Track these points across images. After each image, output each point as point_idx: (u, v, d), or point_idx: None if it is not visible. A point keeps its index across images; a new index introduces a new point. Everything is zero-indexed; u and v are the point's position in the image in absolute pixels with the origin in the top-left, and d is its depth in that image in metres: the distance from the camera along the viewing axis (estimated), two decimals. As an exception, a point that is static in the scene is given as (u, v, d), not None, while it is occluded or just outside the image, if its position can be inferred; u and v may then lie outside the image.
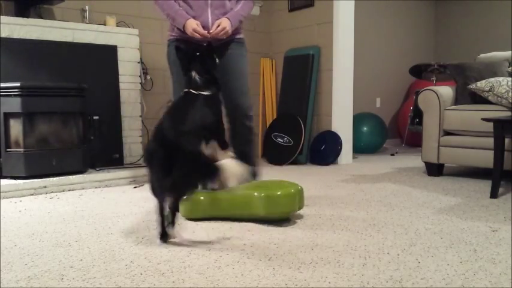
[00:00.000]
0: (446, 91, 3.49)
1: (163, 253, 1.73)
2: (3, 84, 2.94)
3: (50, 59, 3.19)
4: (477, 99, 3.33)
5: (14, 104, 2.93)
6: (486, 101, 3.23)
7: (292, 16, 4.55)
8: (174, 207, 1.89)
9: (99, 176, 3.17)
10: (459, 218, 2.22)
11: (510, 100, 3.08)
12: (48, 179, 2.97)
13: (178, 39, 2.50)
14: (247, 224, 2.12)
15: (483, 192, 2.83)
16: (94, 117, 3.34)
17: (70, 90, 3.13)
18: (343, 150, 4.16)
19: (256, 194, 2.09)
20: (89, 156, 3.26)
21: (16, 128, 2.98)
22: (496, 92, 3.15)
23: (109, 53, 3.44)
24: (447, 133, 3.39)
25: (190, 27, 2.38)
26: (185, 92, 2.11)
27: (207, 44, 2.20)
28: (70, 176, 3.06)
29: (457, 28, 6.21)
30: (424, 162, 3.53)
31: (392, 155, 4.86)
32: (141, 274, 1.53)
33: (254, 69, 4.64)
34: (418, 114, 4.44)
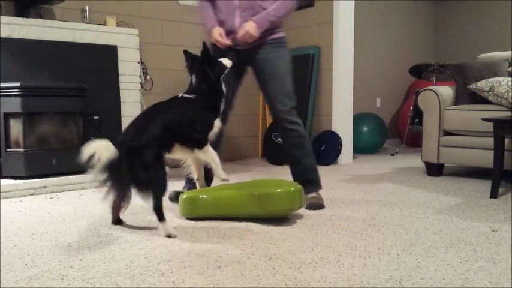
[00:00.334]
0: (446, 91, 3.49)
1: (163, 253, 1.73)
2: (3, 84, 2.93)
3: (50, 59, 3.19)
4: (477, 99, 3.33)
5: (14, 104, 2.93)
6: (486, 101, 3.23)
7: (292, 16, 4.54)
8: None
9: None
10: (459, 218, 2.22)
11: (510, 100, 3.08)
12: (48, 179, 2.97)
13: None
14: (247, 224, 2.12)
15: (483, 192, 2.83)
16: (94, 117, 3.34)
17: (70, 90, 3.13)
18: (343, 150, 4.16)
19: (255, 192, 2.10)
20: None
21: (16, 128, 2.98)
22: (496, 92, 3.15)
23: (109, 53, 3.44)
24: (447, 133, 3.39)
25: (212, 36, 2.38)
26: (172, 97, 2.18)
27: (204, 47, 2.18)
28: (70, 176, 3.05)
29: (457, 28, 6.21)
30: (424, 162, 3.53)
31: (392, 155, 4.86)
32: (141, 274, 1.53)
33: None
34: (418, 114, 4.43)
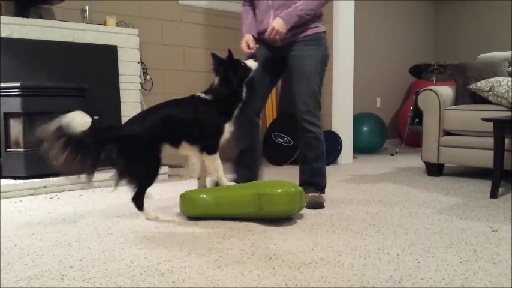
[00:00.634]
0: (446, 91, 3.49)
1: (163, 253, 1.73)
2: (3, 84, 2.93)
3: (50, 59, 3.19)
4: (477, 99, 3.33)
5: (14, 104, 2.93)
6: (486, 101, 3.23)
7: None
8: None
9: (99, 176, 3.16)
10: (459, 218, 2.22)
11: (510, 100, 3.08)
12: (48, 179, 2.96)
13: (260, 41, 2.47)
14: (247, 224, 2.12)
15: (483, 192, 2.83)
16: (94, 117, 3.32)
17: (70, 90, 3.12)
18: (343, 150, 4.16)
19: (256, 193, 2.10)
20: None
21: (16, 128, 2.98)
22: (496, 92, 3.15)
23: (109, 53, 3.43)
24: (447, 133, 3.39)
25: (242, 43, 2.43)
26: (190, 95, 2.32)
27: (229, 53, 2.28)
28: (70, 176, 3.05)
29: (457, 28, 6.21)
30: (424, 162, 3.53)
31: (392, 155, 4.86)
32: (141, 274, 1.53)
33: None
34: (418, 114, 4.43)
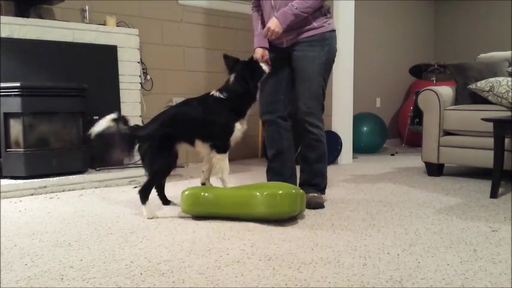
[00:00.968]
0: (446, 91, 3.49)
1: (163, 253, 1.73)
2: (3, 84, 2.93)
3: (50, 59, 3.19)
4: (477, 99, 3.33)
5: (14, 104, 2.93)
6: (486, 101, 3.23)
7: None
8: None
9: (99, 176, 3.17)
10: (459, 218, 2.22)
11: (510, 100, 3.08)
12: (48, 179, 2.97)
13: (270, 44, 2.51)
14: (247, 224, 2.12)
15: (483, 192, 2.82)
16: (94, 117, 3.33)
17: (70, 90, 3.12)
18: (343, 150, 4.16)
19: (257, 193, 2.10)
20: (89, 156, 3.25)
21: (16, 128, 2.98)
22: (496, 92, 3.15)
23: (109, 53, 3.44)
24: (447, 133, 3.39)
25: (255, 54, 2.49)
26: (204, 94, 2.39)
27: (251, 57, 2.36)
28: (70, 176, 3.05)
29: (457, 28, 6.21)
30: (424, 162, 3.53)
31: (392, 155, 4.86)
32: (141, 274, 1.53)
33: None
34: (418, 114, 4.43)
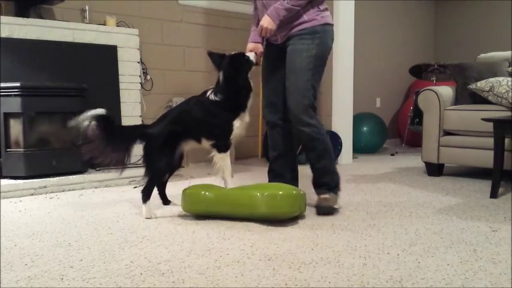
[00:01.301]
0: (446, 91, 3.49)
1: (163, 253, 1.73)
2: (3, 84, 2.93)
3: (50, 59, 3.19)
4: (477, 99, 3.33)
5: (14, 104, 2.93)
6: (486, 101, 3.23)
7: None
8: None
9: (99, 176, 3.17)
10: (459, 218, 2.22)
11: (510, 100, 3.08)
12: (48, 179, 2.97)
13: (269, 43, 2.50)
14: (247, 224, 2.12)
15: (483, 192, 2.82)
16: (94, 117, 3.33)
17: (70, 90, 3.12)
18: (343, 150, 4.16)
19: (258, 193, 2.09)
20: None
21: (16, 128, 2.98)
22: (496, 92, 3.15)
23: (109, 53, 3.44)
24: (447, 133, 3.39)
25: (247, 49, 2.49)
26: (202, 92, 2.37)
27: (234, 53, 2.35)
28: (70, 176, 3.05)
29: (457, 28, 6.21)
30: (424, 162, 3.53)
31: (392, 155, 4.86)
32: (141, 274, 1.53)
33: (254, 69, 4.62)
34: (418, 114, 4.43)
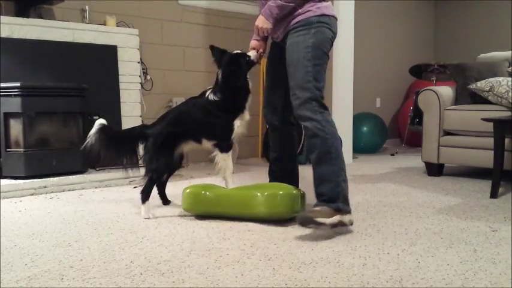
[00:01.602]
0: (446, 91, 3.49)
1: (163, 253, 1.73)
2: (3, 84, 2.93)
3: (50, 59, 3.19)
4: (477, 99, 3.33)
5: (14, 104, 2.93)
6: (486, 101, 3.23)
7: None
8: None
9: (99, 176, 3.17)
10: (459, 218, 2.22)
11: (510, 100, 3.08)
12: (48, 179, 2.97)
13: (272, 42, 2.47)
14: (247, 224, 2.12)
15: (483, 192, 2.82)
16: (94, 117, 3.33)
17: (70, 90, 3.13)
18: (343, 150, 4.13)
19: (258, 193, 2.09)
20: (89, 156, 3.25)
21: (16, 128, 2.98)
22: (496, 92, 3.15)
23: (109, 53, 3.44)
24: (447, 133, 3.39)
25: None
26: (201, 92, 2.39)
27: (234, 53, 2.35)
28: (70, 176, 3.05)
29: (457, 28, 6.21)
30: (424, 162, 3.53)
31: (392, 155, 4.86)
32: (141, 274, 1.53)
33: (254, 69, 4.62)
34: (418, 114, 4.43)
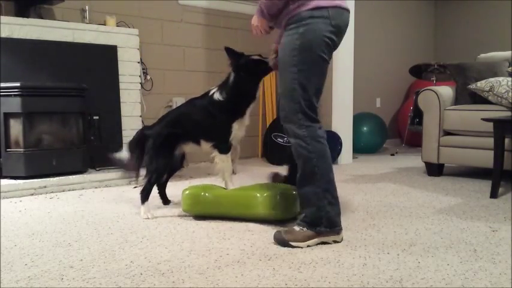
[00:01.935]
0: (446, 91, 3.49)
1: (163, 253, 1.73)
2: (3, 84, 2.93)
3: (50, 59, 3.19)
4: (477, 99, 3.33)
5: (14, 104, 2.93)
6: (486, 101, 3.23)
7: None
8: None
9: (99, 176, 3.17)
10: (459, 218, 2.22)
11: (510, 100, 3.08)
12: (48, 179, 2.97)
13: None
14: (247, 224, 2.12)
15: (483, 192, 2.82)
16: (94, 117, 3.34)
17: (70, 90, 3.13)
18: (343, 150, 4.16)
19: (258, 194, 2.10)
20: (89, 156, 3.25)
21: (16, 128, 2.98)
22: (496, 92, 3.15)
23: (109, 53, 3.44)
24: (447, 133, 3.39)
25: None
26: (204, 93, 2.36)
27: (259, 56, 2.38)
28: (70, 176, 3.05)
29: (457, 28, 6.21)
30: (424, 162, 3.53)
31: (392, 155, 4.86)
32: (141, 274, 1.53)
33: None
34: (418, 114, 4.43)
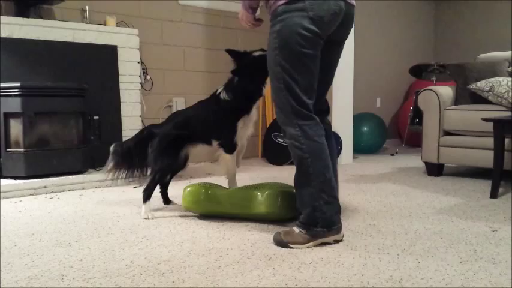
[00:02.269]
0: (446, 91, 3.49)
1: (163, 253, 1.73)
2: (3, 84, 2.94)
3: (50, 59, 3.19)
4: (477, 99, 3.33)
5: (14, 104, 2.93)
6: (486, 101, 3.23)
7: None
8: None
9: (99, 176, 3.17)
10: (459, 218, 2.22)
11: (510, 100, 3.08)
12: (48, 179, 2.97)
13: None
14: (247, 224, 2.12)
15: (483, 192, 2.83)
16: (94, 117, 3.34)
17: (70, 90, 3.13)
18: (343, 150, 4.16)
19: (258, 193, 2.09)
20: (89, 156, 3.25)
21: (16, 128, 2.98)
22: (496, 92, 3.15)
23: (109, 53, 3.44)
24: (447, 133, 3.39)
25: None
26: (211, 95, 2.38)
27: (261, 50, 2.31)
28: (70, 176, 3.06)
29: (457, 28, 6.21)
30: (424, 162, 3.53)
31: (392, 155, 4.86)
32: (141, 274, 1.53)
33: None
34: (418, 114, 4.43)
